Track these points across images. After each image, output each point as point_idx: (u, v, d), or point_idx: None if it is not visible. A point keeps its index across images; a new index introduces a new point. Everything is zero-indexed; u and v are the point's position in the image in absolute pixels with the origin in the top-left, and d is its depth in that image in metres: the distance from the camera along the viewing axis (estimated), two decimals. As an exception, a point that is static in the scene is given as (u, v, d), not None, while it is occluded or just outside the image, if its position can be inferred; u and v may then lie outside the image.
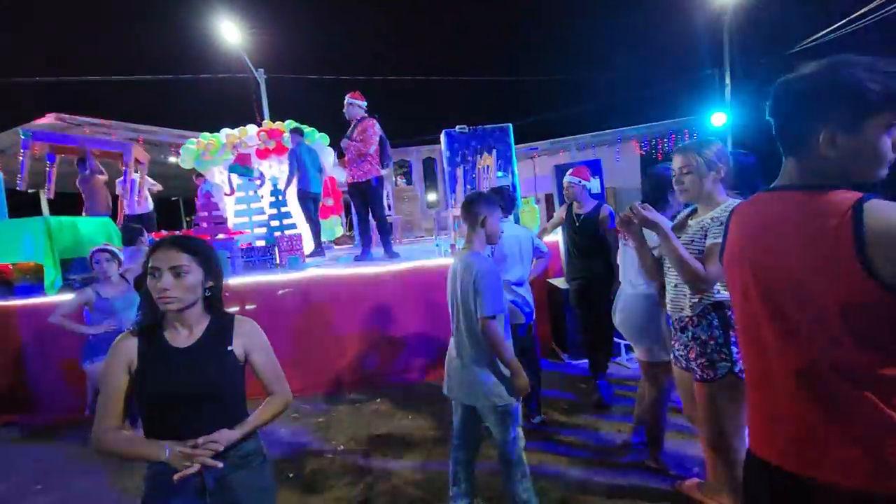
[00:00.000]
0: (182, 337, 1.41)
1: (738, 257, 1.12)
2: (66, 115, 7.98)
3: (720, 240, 1.65)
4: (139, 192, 6.87)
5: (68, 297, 3.90)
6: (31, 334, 4.36)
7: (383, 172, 5.16)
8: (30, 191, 11.81)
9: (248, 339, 1.50)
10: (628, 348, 4.52)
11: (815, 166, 0.98)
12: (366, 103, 5.11)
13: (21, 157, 5.53)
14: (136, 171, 6.41)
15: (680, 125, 15.12)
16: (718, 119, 13.39)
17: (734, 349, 1.76)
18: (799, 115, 0.97)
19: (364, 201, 5.15)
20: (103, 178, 6.48)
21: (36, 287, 4.60)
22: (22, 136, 5.55)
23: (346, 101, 5.11)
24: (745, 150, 2.51)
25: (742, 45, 13.63)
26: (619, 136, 15.85)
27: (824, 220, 0.90)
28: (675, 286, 1.95)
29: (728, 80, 13.63)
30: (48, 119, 7.92)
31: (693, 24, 14.55)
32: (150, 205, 7.05)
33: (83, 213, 6.30)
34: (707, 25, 13.86)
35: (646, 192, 2.67)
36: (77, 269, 4.70)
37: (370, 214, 5.21)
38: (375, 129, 4.97)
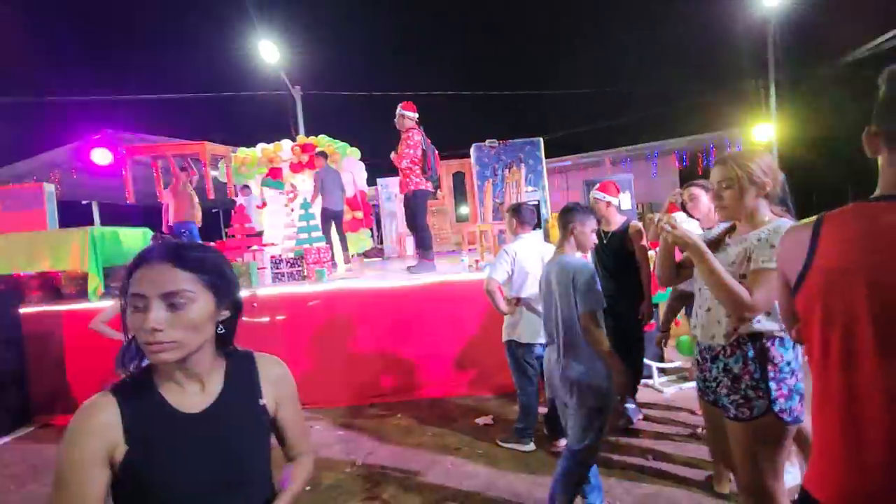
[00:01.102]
0: (193, 396, 0.97)
1: (845, 274, 0.96)
2: (117, 132, 8.48)
3: (771, 264, 1.50)
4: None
5: (109, 303, 4.08)
6: (74, 339, 4.58)
7: (427, 185, 5.00)
8: (81, 203, 12.58)
9: (279, 388, 1.09)
10: (661, 371, 4.32)
11: None
12: (416, 115, 4.96)
13: (124, 172, 6.34)
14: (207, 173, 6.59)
15: (721, 138, 14.60)
16: (762, 132, 12.86)
17: (772, 385, 1.57)
18: None
19: (408, 214, 5.13)
20: (188, 180, 6.65)
21: (81, 293, 4.86)
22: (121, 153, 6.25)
23: (397, 112, 4.98)
24: (793, 164, 2.37)
25: (787, 54, 13.09)
26: (657, 149, 15.45)
27: None
28: (709, 310, 1.74)
29: (772, 92, 13.10)
30: (102, 136, 8.44)
31: (735, 33, 14.10)
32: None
33: (169, 220, 6.63)
34: (750, 34, 13.40)
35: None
36: (119, 277, 4.93)
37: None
38: (412, 142, 4.86)
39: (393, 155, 5.03)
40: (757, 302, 1.52)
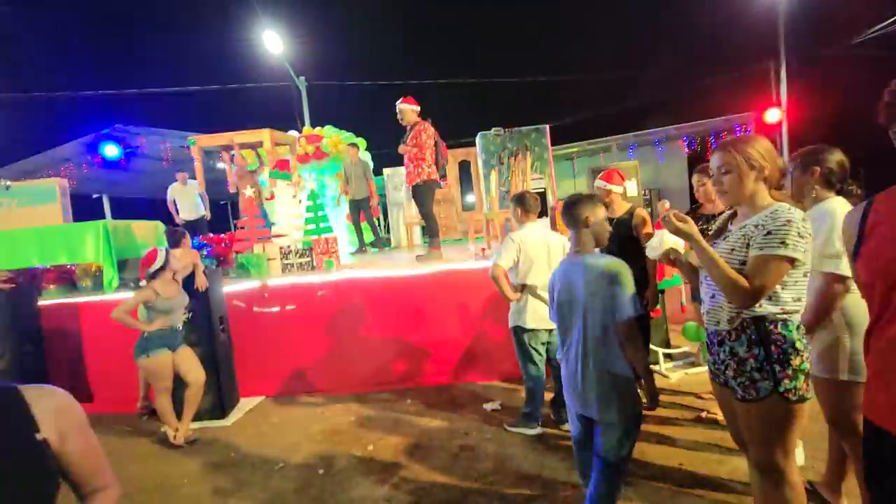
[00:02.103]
0: None
1: (887, 248, 1.12)
2: (126, 126, 8.56)
3: (769, 251, 1.56)
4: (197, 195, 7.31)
5: (128, 295, 4.19)
6: (90, 330, 4.70)
7: (436, 176, 5.06)
8: (91, 196, 12.71)
9: (63, 420, 0.95)
10: (667, 356, 4.35)
11: None
12: (418, 107, 5.03)
13: (196, 163, 6.38)
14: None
15: (730, 123, 14.40)
16: (773, 115, 12.67)
17: (776, 367, 1.61)
18: None
19: (418, 203, 5.17)
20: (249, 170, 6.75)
21: (96, 286, 4.97)
22: (189, 144, 6.27)
23: (398, 107, 5.03)
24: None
25: (799, 35, 12.81)
26: (664, 135, 15.27)
27: None
28: (713, 297, 1.79)
29: (783, 74, 12.86)
30: (111, 129, 8.52)
31: (744, 13, 13.80)
32: (202, 209, 7.49)
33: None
34: (760, 15, 13.11)
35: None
36: (132, 269, 5.02)
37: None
38: (429, 132, 4.93)
39: (403, 147, 5.00)
40: (756, 289, 1.56)
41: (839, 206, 2.01)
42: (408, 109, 4.99)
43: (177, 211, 7.52)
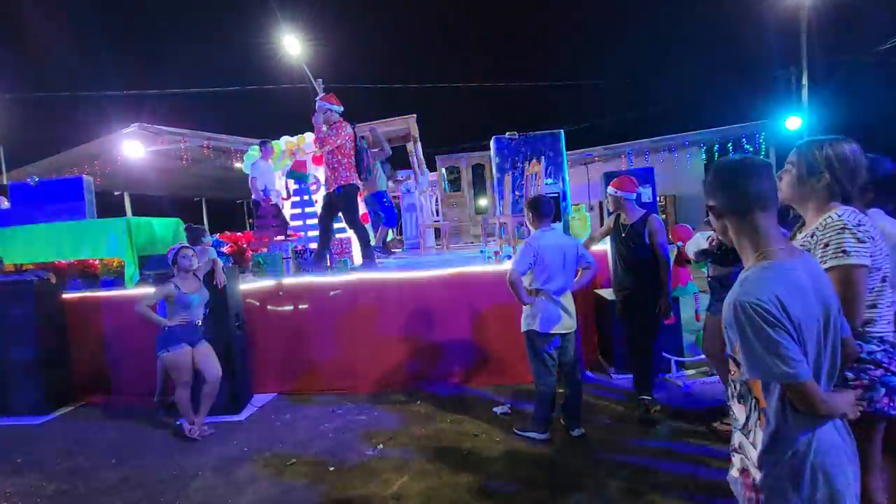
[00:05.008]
0: None
1: None
2: (148, 125, 8.76)
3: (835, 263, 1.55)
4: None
5: (150, 290, 4.29)
6: (111, 323, 4.83)
7: (356, 181, 4.92)
8: (113, 193, 12.96)
9: None
10: (680, 365, 4.32)
11: None
12: (341, 108, 4.92)
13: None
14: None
15: (750, 129, 14.18)
16: (793, 123, 12.47)
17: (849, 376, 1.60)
18: None
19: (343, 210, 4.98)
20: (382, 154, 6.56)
21: (117, 280, 5.10)
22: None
23: (321, 106, 4.85)
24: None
25: (821, 41, 12.61)
26: (682, 140, 15.10)
27: None
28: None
29: (805, 80, 12.65)
30: (133, 128, 8.74)
31: (766, 19, 13.61)
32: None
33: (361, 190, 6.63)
34: (782, 20, 12.92)
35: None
36: (152, 265, 5.14)
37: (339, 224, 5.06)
38: (343, 132, 4.79)
39: (315, 145, 4.87)
40: (845, 307, 1.48)
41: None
42: (324, 110, 4.85)
43: (265, 192, 6.20)
